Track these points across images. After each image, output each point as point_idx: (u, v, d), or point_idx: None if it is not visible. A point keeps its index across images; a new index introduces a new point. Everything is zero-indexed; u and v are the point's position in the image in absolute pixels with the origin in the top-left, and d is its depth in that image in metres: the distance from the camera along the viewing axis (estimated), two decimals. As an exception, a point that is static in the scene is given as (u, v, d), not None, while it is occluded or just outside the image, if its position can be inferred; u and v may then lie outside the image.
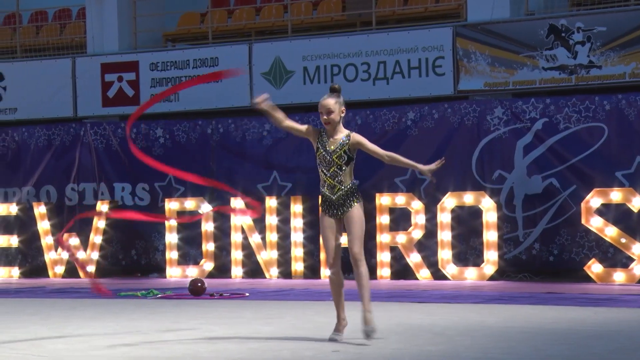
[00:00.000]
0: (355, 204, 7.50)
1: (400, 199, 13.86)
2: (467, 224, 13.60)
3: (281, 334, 8.19)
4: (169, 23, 17.14)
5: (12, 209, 15.89)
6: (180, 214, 14.91)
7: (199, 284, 11.98)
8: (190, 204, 14.94)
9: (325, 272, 14.15)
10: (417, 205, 13.73)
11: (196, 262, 14.93)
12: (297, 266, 14.38)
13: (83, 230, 15.46)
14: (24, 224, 15.83)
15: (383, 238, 13.85)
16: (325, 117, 7.47)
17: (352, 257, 7.46)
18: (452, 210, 13.57)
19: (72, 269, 15.41)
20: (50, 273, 15.54)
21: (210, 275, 14.66)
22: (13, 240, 15.88)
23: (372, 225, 13.99)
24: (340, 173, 7.45)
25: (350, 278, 8.10)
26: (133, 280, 14.77)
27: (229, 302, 11.21)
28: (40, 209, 15.67)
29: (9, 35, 17.68)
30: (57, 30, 17.50)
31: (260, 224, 14.55)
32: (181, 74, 15.40)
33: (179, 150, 15.30)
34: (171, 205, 14.93)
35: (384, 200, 13.88)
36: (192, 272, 14.71)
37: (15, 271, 15.85)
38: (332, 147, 7.46)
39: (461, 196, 13.55)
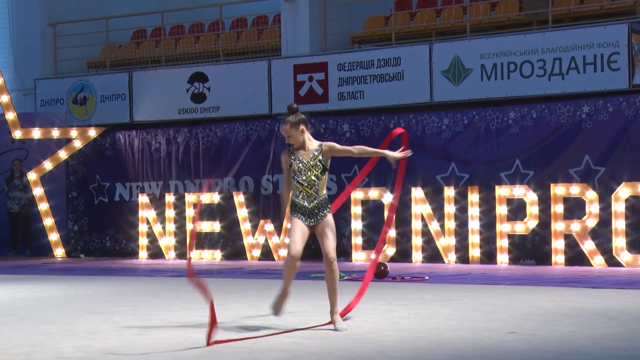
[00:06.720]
0: (329, 213, 7.36)
1: (575, 189, 13.40)
2: (641, 213, 13.07)
3: (459, 315, 8.01)
4: (356, 26, 17.16)
5: (215, 197, 16.33)
6: (365, 203, 14.92)
7: (382, 268, 11.92)
8: (373, 193, 14.92)
9: (500, 257, 13.85)
10: (591, 195, 13.25)
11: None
12: (474, 252, 14.12)
13: (276, 217, 15.71)
14: (225, 211, 16.24)
15: (558, 226, 13.43)
16: (287, 140, 7.51)
17: (328, 260, 7.46)
18: (626, 200, 13.01)
19: (267, 252, 15.68)
20: (248, 256, 15.88)
21: (392, 259, 14.59)
22: (216, 226, 16.32)
23: (548, 214, 13.59)
24: (317, 182, 7.30)
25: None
26: (322, 263, 14.83)
27: (410, 285, 11.10)
28: (239, 198, 16.03)
29: (213, 41, 18.13)
30: (255, 35, 17.81)
31: (439, 212, 14.38)
32: (366, 73, 15.39)
33: (364, 144, 15.23)
34: (356, 194, 14.94)
35: (558, 190, 13.46)
36: (376, 256, 14.68)
37: (218, 254, 16.29)
38: (307, 157, 7.36)
39: (635, 186, 13.00)
